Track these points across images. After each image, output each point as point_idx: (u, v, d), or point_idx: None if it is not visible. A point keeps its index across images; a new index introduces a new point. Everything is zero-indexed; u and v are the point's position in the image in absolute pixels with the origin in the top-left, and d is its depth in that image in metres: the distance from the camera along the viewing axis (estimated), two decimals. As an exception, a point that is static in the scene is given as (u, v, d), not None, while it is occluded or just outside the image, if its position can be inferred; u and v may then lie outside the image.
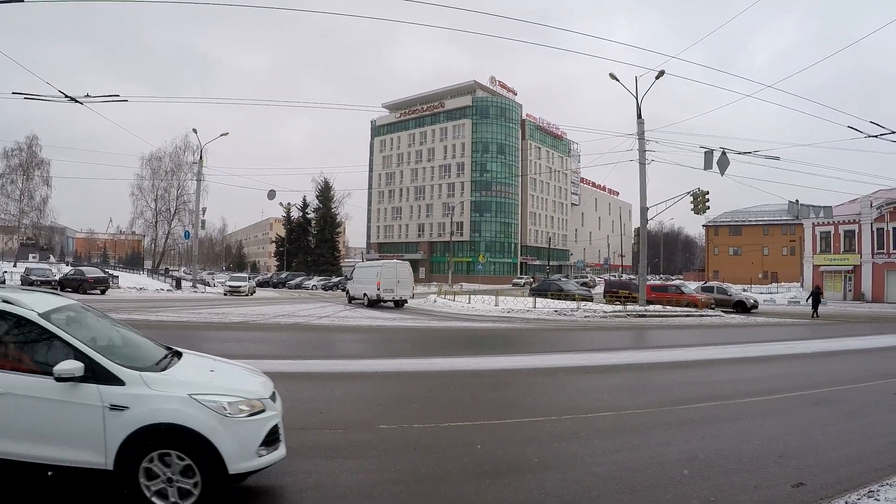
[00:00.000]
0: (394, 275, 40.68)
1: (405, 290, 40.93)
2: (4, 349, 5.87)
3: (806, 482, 6.95)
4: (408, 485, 6.66)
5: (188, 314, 28.88)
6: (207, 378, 6.47)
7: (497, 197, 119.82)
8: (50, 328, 5.85)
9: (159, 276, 71.47)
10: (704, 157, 32.15)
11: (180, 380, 6.13)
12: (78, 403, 5.54)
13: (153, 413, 5.59)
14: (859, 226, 60.02)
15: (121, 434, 5.51)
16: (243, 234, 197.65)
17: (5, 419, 5.52)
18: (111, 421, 5.52)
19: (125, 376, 5.71)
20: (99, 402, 5.55)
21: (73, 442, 5.54)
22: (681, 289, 44.38)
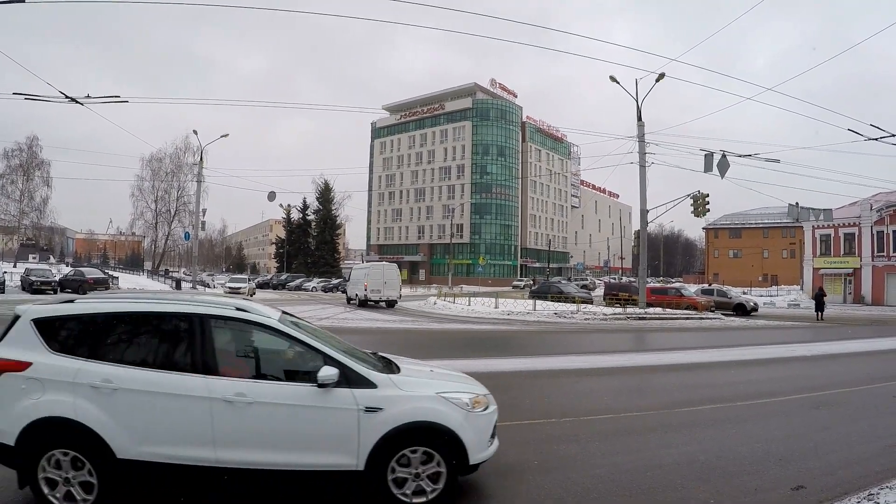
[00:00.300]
0: (381, 276, 42.17)
1: (392, 291, 42.21)
2: (247, 358, 6.24)
3: (806, 485, 6.94)
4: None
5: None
6: (437, 378, 6.83)
7: (497, 199, 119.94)
8: (295, 334, 6.15)
9: (159, 277, 71.39)
10: (704, 159, 32.14)
11: (420, 380, 6.56)
12: (332, 408, 5.80)
13: (408, 412, 5.93)
14: (859, 228, 59.95)
15: (375, 435, 5.80)
16: (243, 236, 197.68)
17: (255, 428, 5.73)
18: (365, 423, 5.80)
19: (376, 379, 6.04)
20: (354, 406, 5.81)
21: (327, 446, 5.81)
22: (681, 291, 44.40)
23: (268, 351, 6.26)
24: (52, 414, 5.45)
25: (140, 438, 5.55)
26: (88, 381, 5.52)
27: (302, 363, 6.07)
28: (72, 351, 5.72)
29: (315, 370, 5.81)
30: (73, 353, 5.70)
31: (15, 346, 5.70)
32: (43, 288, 41.24)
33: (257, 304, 6.62)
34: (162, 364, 5.79)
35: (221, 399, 5.63)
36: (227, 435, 5.65)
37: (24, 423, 5.41)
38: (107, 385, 5.53)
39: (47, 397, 5.49)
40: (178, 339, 5.97)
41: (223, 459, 5.64)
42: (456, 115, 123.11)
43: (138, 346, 5.94)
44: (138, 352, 5.89)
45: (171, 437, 5.62)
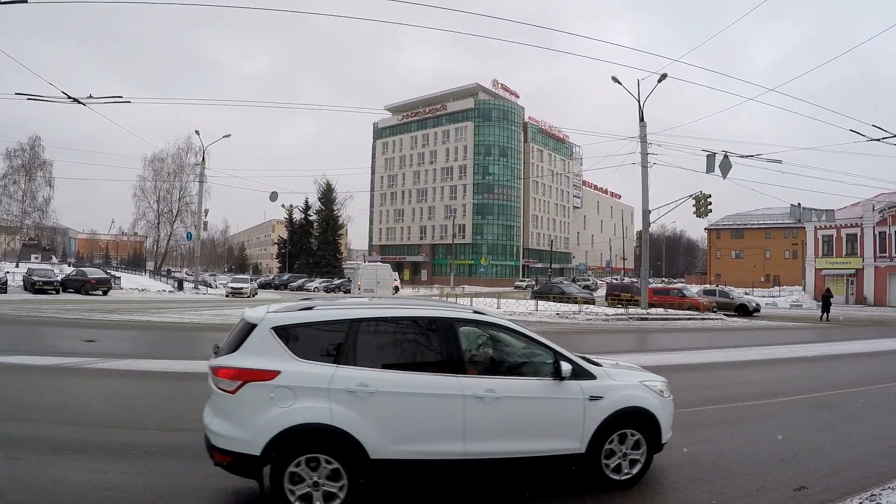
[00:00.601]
0: (373, 276, 43.68)
1: (384, 290, 42.62)
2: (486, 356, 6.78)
3: (808, 485, 6.95)
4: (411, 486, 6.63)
5: (190, 315, 28.92)
6: (629, 368, 7.69)
7: (499, 199, 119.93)
8: (528, 333, 6.78)
9: (161, 277, 71.34)
10: (707, 160, 32.13)
11: (623, 371, 7.36)
12: (564, 399, 6.40)
13: (622, 399, 6.66)
14: (861, 229, 59.88)
15: (596, 420, 6.45)
16: (245, 236, 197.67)
17: (501, 421, 6.15)
18: (589, 410, 6.43)
19: (595, 371, 6.74)
20: (581, 396, 6.43)
21: (558, 433, 6.38)
22: (683, 292, 44.41)
23: (503, 349, 6.82)
24: (308, 421, 5.59)
25: (394, 438, 5.80)
26: (344, 386, 5.70)
27: (532, 359, 6.67)
28: (319, 357, 5.88)
29: (543, 365, 6.53)
30: (320, 359, 5.87)
31: (257, 354, 5.79)
32: (45, 288, 41.31)
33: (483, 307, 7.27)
34: (414, 366, 6.14)
35: (473, 396, 5.99)
36: (477, 429, 6.02)
37: (274, 431, 5.52)
38: (363, 389, 5.73)
39: (301, 404, 5.62)
40: (428, 341, 6.34)
41: (471, 452, 6.01)
42: (458, 115, 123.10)
43: (389, 350, 6.26)
44: (390, 355, 6.20)
45: (424, 435, 5.93)
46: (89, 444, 7.65)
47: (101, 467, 6.82)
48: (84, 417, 9.11)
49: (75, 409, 9.68)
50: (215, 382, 5.84)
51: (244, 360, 5.76)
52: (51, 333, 20.70)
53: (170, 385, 12.44)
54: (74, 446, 7.49)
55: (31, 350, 16.16)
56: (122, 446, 7.59)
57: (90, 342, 17.81)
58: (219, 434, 5.67)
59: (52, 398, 10.38)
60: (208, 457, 5.88)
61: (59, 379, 12.30)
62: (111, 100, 25.87)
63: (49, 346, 17.49)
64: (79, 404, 10.08)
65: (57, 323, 23.73)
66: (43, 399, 10.30)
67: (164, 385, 12.43)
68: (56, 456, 7.14)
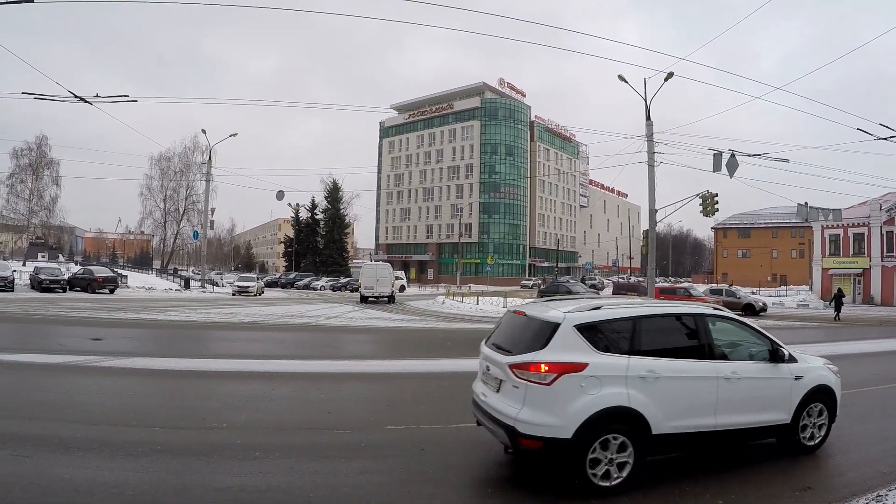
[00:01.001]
0: (373, 274, 46.39)
1: (383, 288, 45.75)
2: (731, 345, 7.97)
3: (813, 486, 6.95)
4: (414, 485, 6.68)
5: (197, 314, 28.96)
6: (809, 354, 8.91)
7: (505, 198, 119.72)
8: (753, 325, 8.26)
9: (168, 275, 71.36)
10: (713, 159, 31.98)
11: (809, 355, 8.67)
12: (780, 378, 7.79)
13: (815, 378, 8.16)
14: (868, 228, 59.60)
15: (798, 396, 7.90)
16: (252, 235, 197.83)
17: (739, 397, 7.36)
18: (794, 388, 7.88)
19: (796, 355, 8.14)
20: (789, 376, 7.86)
21: (773, 406, 7.74)
22: (689, 291, 44.17)
23: (736, 338, 8.07)
24: (611, 405, 6.46)
25: (668, 415, 6.76)
26: (636, 373, 6.66)
27: (755, 346, 7.98)
28: (613, 349, 6.80)
29: (762, 351, 7.91)
30: (614, 351, 6.79)
31: (566, 350, 6.59)
32: (52, 286, 41.31)
33: None
34: (681, 354, 7.26)
35: (723, 377, 7.21)
36: (724, 404, 7.18)
37: (584, 416, 6.35)
38: (651, 375, 6.72)
39: (605, 391, 6.49)
40: (689, 333, 7.44)
41: (719, 424, 7.16)
42: (464, 114, 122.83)
43: (662, 341, 7.28)
44: (662, 345, 7.22)
45: (689, 411, 6.98)
46: (95, 441, 7.66)
47: (107, 465, 6.84)
48: (90, 415, 9.12)
49: (82, 406, 9.69)
50: (524, 377, 6.54)
51: (556, 355, 6.54)
52: (57, 332, 20.71)
53: (176, 383, 12.45)
54: (81, 444, 7.52)
55: (38, 348, 16.18)
56: (129, 444, 7.60)
57: (97, 340, 17.84)
58: (529, 422, 6.36)
59: (59, 396, 10.41)
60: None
61: (65, 377, 12.33)
62: (118, 99, 25.90)
63: (56, 344, 17.50)
64: (85, 402, 10.08)
65: (63, 321, 23.76)
66: (49, 397, 10.33)
67: (171, 383, 12.43)
68: (62, 454, 7.17)
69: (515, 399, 6.58)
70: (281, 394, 11.56)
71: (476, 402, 7.62)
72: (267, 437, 8.38)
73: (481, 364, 7.82)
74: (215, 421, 9.10)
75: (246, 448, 7.69)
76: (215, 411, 9.85)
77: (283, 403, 10.75)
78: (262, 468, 7.01)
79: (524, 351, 6.73)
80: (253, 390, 11.60)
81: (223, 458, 7.36)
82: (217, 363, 14.75)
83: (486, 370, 7.46)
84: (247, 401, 10.69)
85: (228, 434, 8.38)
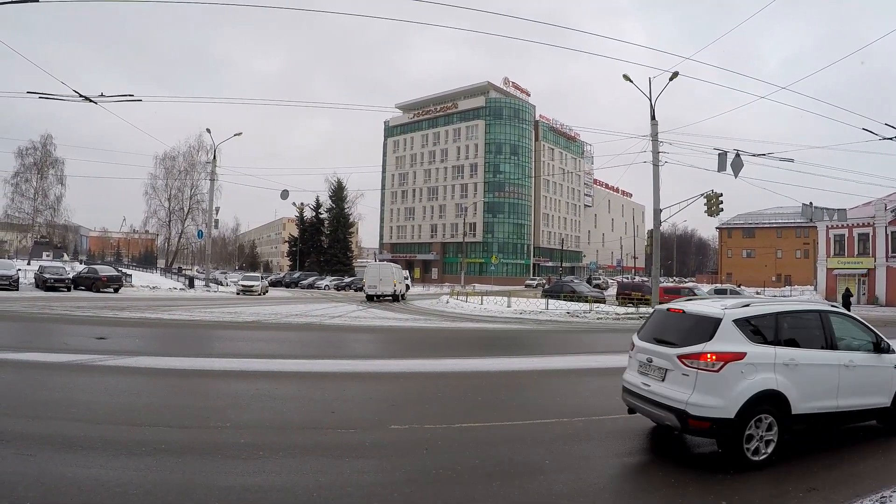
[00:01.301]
0: (376, 274, 48.75)
1: (386, 287, 47.93)
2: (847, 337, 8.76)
3: (818, 487, 6.93)
4: (418, 485, 6.68)
5: (201, 313, 28.99)
6: None
7: (510, 198, 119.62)
8: (861, 321, 9.07)
9: (172, 275, 71.40)
10: (718, 158, 31.94)
11: None
12: (883, 367, 8.72)
13: None
14: (874, 229, 59.47)
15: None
16: (256, 234, 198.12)
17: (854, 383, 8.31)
18: (894, 376, 8.81)
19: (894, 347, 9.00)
20: (891, 365, 8.79)
21: (876, 392, 8.65)
22: (694, 291, 44.17)
23: (849, 331, 8.83)
24: (764, 388, 7.57)
25: (804, 398, 7.82)
26: (782, 361, 7.77)
27: (862, 338, 8.83)
28: (762, 340, 7.89)
29: (867, 343, 8.80)
30: (764, 342, 7.89)
31: (727, 341, 7.65)
32: (56, 285, 41.35)
33: None
34: (811, 344, 8.25)
35: (843, 365, 8.22)
36: (843, 389, 8.18)
37: (744, 399, 7.41)
38: (792, 362, 7.82)
39: (759, 377, 7.59)
40: (817, 327, 8.44)
41: (841, 406, 8.22)
42: (469, 113, 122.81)
43: (797, 333, 8.31)
44: (797, 336, 8.26)
45: (819, 395, 8.04)
46: (99, 440, 7.65)
47: (111, 464, 6.82)
48: (94, 414, 9.13)
49: (86, 405, 9.68)
50: (694, 365, 7.57)
51: (722, 345, 7.60)
52: (62, 330, 20.73)
53: (180, 382, 12.44)
54: (85, 443, 7.51)
55: (43, 347, 16.19)
56: (133, 443, 7.58)
57: (101, 339, 17.85)
58: (699, 405, 7.38)
59: (63, 395, 10.40)
60: None
61: (69, 376, 12.32)
62: (123, 98, 25.95)
63: (60, 343, 17.51)
64: (89, 401, 10.08)
65: (68, 320, 23.77)
66: (53, 396, 10.33)
67: (175, 382, 12.43)
68: (66, 452, 7.16)
69: (685, 385, 7.61)
70: (285, 393, 11.57)
71: (631, 391, 8.66)
72: (271, 436, 8.36)
73: (636, 357, 8.75)
74: (219, 420, 9.09)
75: (250, 447, 7.67)
76: (219, 410, 9.85)
77: (287, 403, 10.74)
78: (266, 467, 7.00)
79: (691, 343, 7.79)
80: (257, 389, 11.60)
81: (227, 458, 7.36)
82: (221, 362, 14.75)
83: (648, 362, 8.30)
84: (251, 400, 10.68)
85: (233, 433, 8.37)
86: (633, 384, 8.59)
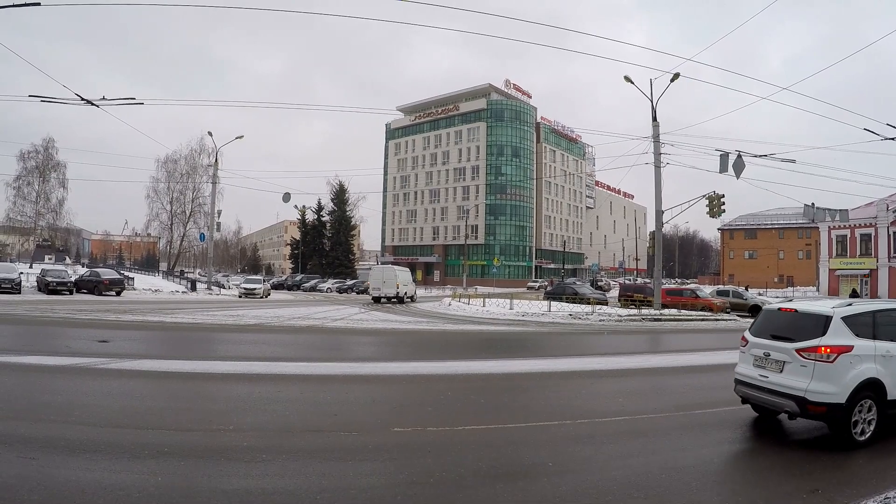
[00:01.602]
0: (380, 276, 51.22)
1: (389, 289, 49.79)
2: None
3: (821, 489, 6.92)
4: (421, 488, 6.66)
5: (203, 316, 29.00)
6: None
7: (512, 200, 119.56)
8: None
9: (174, 278, 71.35)
10: (720, 159, 31.94)
11: None
12: None
13: None
14: (875, 229, 59.55)
15: None
16: (258, 237, 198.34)
17: None
18: None
19: None
20: None
21: None
22: (696, 293, 44.16)
23: None
24: (868, 376, 8.50)
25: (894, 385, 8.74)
26: (880, 353, 8.71)
27: None
28: (864, 335, 8.77)
29: None
30: (865, 336, 8.77)
31: (838, 336, 8.59)
32: (59, 289, 41.35)
33: None
34: None
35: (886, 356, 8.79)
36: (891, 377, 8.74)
37: (853, 385, 8.38)
38: (888, 354, 8.75)
39: (864, 366, 8.52)
40: None
41: None
42: (470, 115, 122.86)
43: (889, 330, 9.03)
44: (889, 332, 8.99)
45: None
46: (102, 443, 7.65)
47: (113, 467, 6.81)
48: (97, 417, 9.11)
49: (88, 408, 9.68)
50: (812, 357, 8.53)
51: (834, 339, 8.54)
52: (64, 333, 20.74)
53: (182, 385, 12.45)
54: (87, 446, 7.50)
55: (45, 350, 16.22)
56: (135, 446, 7.58)
57: (103, 342, 17.86)
58: (817, 392, 8.35)
59: (65, 398, 10.42)
60: None
61: (72, 379, 12.32)
62: (124, 101, 25.95)
63: (62, 346, 17.52)
64: (92, 404, 10.08)
65: (70, 323, 23.78)
66: (56, 399, 10.33)
67: (177, 385, 12.43)
68: (69, 456, 7.15)
69: (803, 375, 8.56)
70: (287, 396, 11.54)
71: (747, 383, 9.52)
72: (274, 439, 8.34)
73: (751, 352, 9.61)
74: (222, 423, 9.08)
75: (253, 450, 7.65)
76: (222, 413, 9.83)
77: (289, 406, 10.71)
78: (269, 470, 6.98)
79: (807, 338, 8.70)
80: (259, 393, 11.59)
81: (230, 461, 7.35)
82: (223, 365, 14.75)
83: (766, 356, 9.24)
84: (253, 403, 10.67)
85: (235, 436, 8.36)
86: (749, 376, 9.50)
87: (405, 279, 53.09)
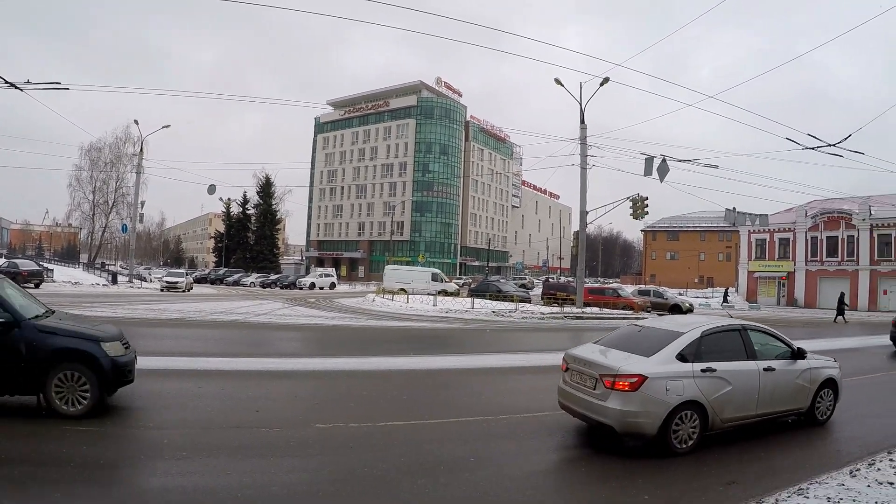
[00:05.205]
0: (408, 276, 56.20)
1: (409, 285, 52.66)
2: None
3: (737, 481, 7.15)
4: (344, 484, 6.70)
5: (124, 310, 28.37)
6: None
7: (438, 197, 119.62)
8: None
9: (95, 270, 69.59)
10: (645, 163, 32.45)
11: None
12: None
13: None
14: (794, 234, 61.42)
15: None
16: (182, 229, 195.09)
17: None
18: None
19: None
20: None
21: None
22: (618, 292, 45.00)
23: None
24: None
25: None
26: None
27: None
28: None
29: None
30: None
31: None
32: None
33: None
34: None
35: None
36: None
37: None
38: None
39: None
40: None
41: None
42: (400, 112, 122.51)
43: None
44: None
45: None
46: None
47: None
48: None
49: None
50: None
51: None
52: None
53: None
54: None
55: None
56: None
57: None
58: None
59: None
60: None
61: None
62: (49, 86, 25.42)
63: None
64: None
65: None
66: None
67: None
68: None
69: None
70: (209, 392, 11.42)
71: None
72: (194, 436, 8.27)
73: None
74: (141, 420, 8.99)
75: (172, 448, 7.57)
76: (140, 410, 9.69)
77: (210, 402, 10.58)
78: (189, 468, 6.94)
79: None
80: (180, 388, 11.45)
81: (148, 458, 7.29)
82: (143, 360, 14.45)
83: None
84: (173, 399, 10.53)
85: (154, 433, 8.28)
86: None
87: None
